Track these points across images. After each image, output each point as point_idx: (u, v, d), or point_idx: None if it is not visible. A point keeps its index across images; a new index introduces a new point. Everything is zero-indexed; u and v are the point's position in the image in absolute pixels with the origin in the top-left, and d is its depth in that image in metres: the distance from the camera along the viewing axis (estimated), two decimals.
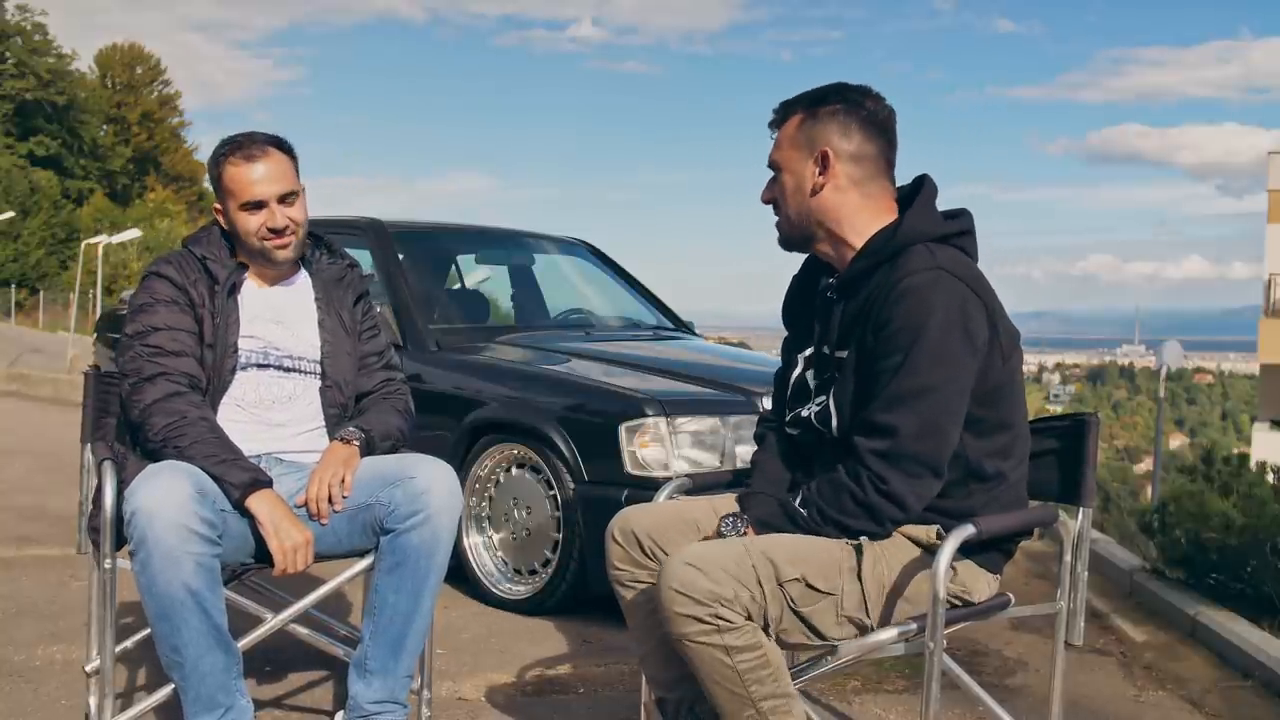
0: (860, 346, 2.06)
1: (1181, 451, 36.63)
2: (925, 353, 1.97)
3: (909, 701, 3.15)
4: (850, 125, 2.11)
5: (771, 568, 1.99)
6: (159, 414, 2.39)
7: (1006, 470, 2.13)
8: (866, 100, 2.12)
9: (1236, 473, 4.44)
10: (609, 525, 2.31)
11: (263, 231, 2.55)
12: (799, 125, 2.14)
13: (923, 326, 1.97)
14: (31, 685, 2.98)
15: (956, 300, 2.00)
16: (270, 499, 2.35)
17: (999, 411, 2.09)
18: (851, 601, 2.05)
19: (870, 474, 2.00)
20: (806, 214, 2.15)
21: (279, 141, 2.59)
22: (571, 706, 3.01)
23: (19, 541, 4.74)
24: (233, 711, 2.32)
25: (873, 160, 2.12)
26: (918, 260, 2.03)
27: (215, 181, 2.59)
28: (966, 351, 2.00)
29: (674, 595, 1.95)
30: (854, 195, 2.12)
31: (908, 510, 2.03)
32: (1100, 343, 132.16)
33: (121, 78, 57.66)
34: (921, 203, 2.11)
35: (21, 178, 44.28)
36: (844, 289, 2.14)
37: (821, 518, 2.06)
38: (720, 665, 1.96)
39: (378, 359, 2.73)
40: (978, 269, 2.10)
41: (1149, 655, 3.76)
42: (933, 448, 2.00)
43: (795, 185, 2.14)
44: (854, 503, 2.02)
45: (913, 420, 1.97)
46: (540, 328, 5.13)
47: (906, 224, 2.08)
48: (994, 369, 2.05)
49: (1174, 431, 63.32)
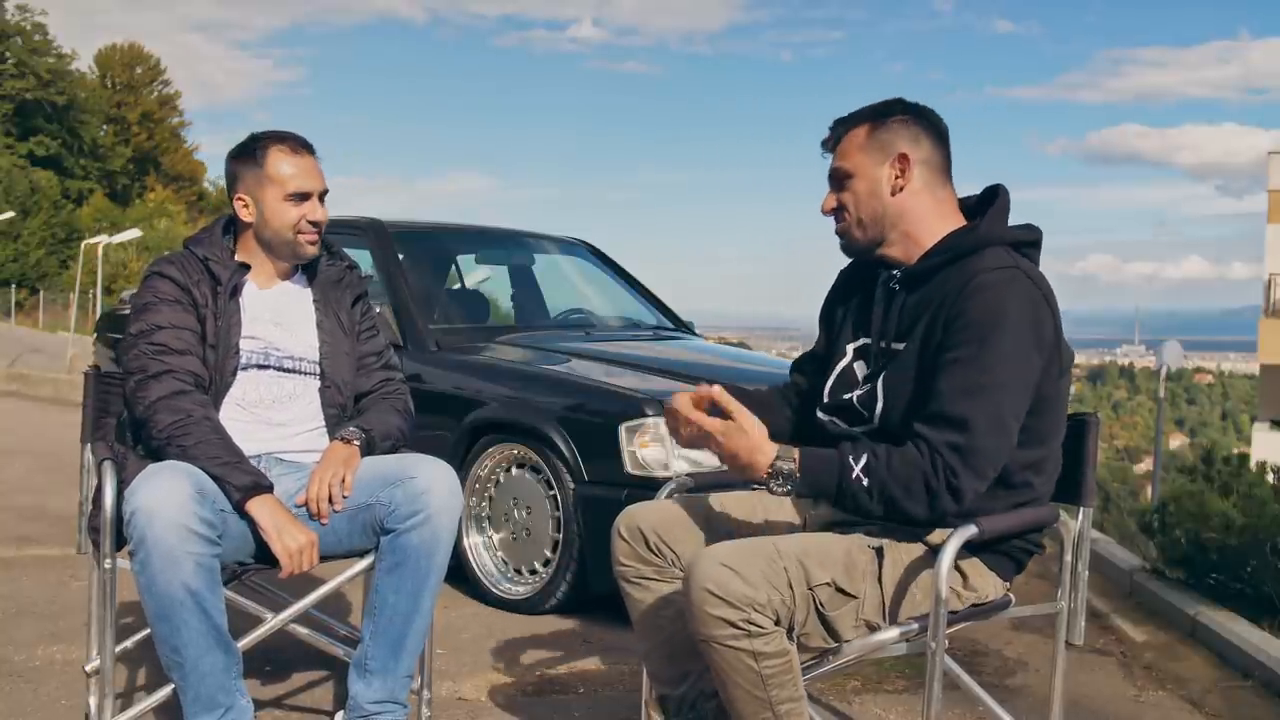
0: (924, 339, 2.06)
1: (1181, 451, 36.62)
2: (999, 348, 1.97)
3: (909, 701, 3.15)
4: (920, 133, 2.15)
5: (803, 571, 1.98)
6: (164, 411, 2.39)
7: (1035, 483, 2.12)
8: (927, 112, 2.19)
9: (1236, 473, 4.44)
10: (615, 521, 2.30)
11: (302, 224, 2.56)
12: (869, 134, 2.16)
13: (998, 322, 1.98)
14: (31, 685, 2.98)
15: (1030, 301, 2.01)
16: (271, 504, 2.35)
17: (1044, 424, 2.09)
18: (871, 605, 2.05)
19: (945, 465, 1.96)
20: (883, 216, 2.16)
21: (311, 146, 2.64)
22: (571, 706, 3.01)
23: (19, 541, 4.74)
24: (233, 711, 2.32)
25: (940, 168, 2.17)
26: (995, 258, 2.05)
27: (249, 170, 2.57)
28: (1036, 356, 2.01)
29: (707, 596, 1.91)
30: (928, 198, 2.15)
31: (962, 507, 2.00)
32: (1100, 343, 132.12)
33: (121, 78, 57.68)
34: (998, 209, 2.15)
35: (21, 178, 44.28)
36: (909, 282, 2.15)
37: (879, 491, 1.98)
38: (746, 669, 1.95)
39: (376, 359, 2.73)
40: (1046, 279, 2.11)
41: (1149, 655, 3.76)
42: (1000, 445, 1.99)
43: (870, 189, 2.16)
44: (924, 487, 1.97)
45: (983, 415, 1.96)
46: (540, 328, 5.13)
47: (986, 225, 2.11)
48: (1049, 378, 2.05)
49: (1174, 431, 63.32)
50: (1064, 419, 2.16)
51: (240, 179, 2.59)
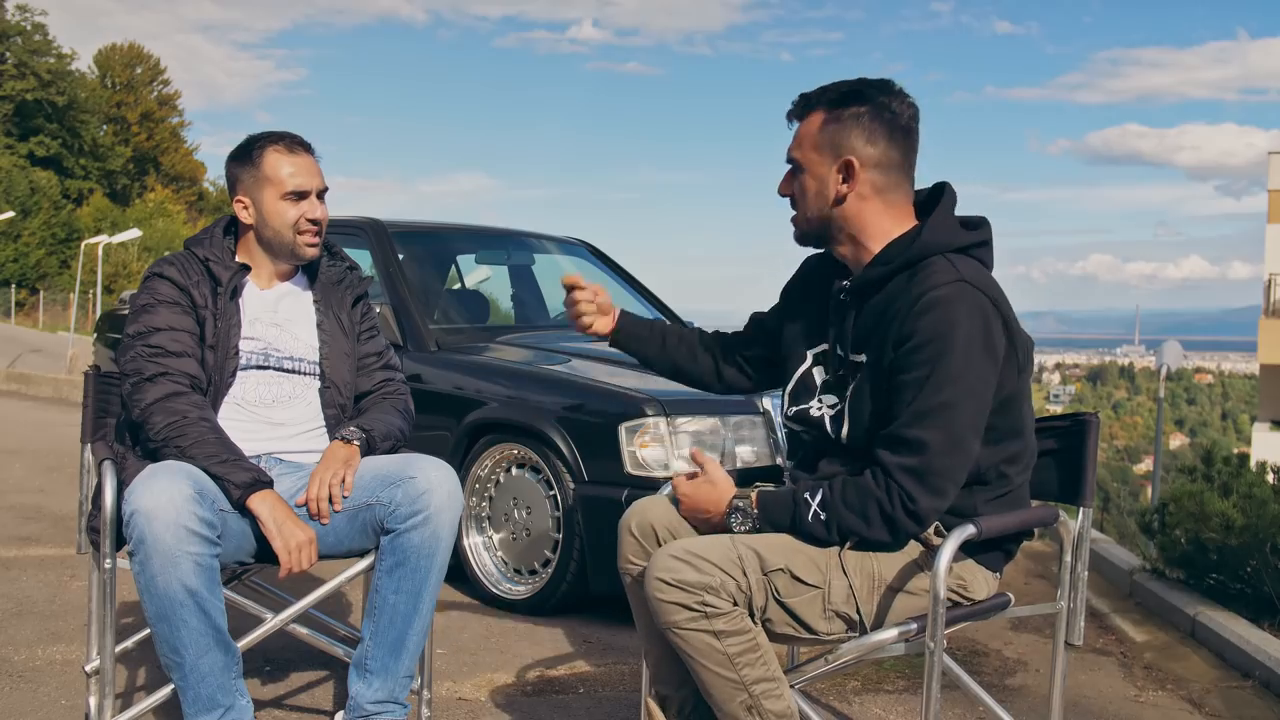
0: (879, 355, 2.05)
1: (1181, 451, 36.63)
2: (950, 368, 1.96)
3: (909, 701, 3.15)
4: (875, 130, 2.07)
5: (757, 559, 2.02)
6: (160, 414, 2.39)
7: (1012, 474, 2.13)
8: (891, 102, 2.08)
9: (1236, 473, 4.43)
10: (623, 518, 2.30)
11: (301, 223, 2.57)
12: (821, 126, 2.10)
13: (947, 342, 1.96)
14: (31, 685, 2.98)
15: (979, 314, 1.99)
16: (271, 499, 2.35)
17: (1012, 420, 2.09)
18: (839, 595, 2.06)
19: (901, 490, 1.97)
20: (827, 219, 2.13)
21: (309, 144, 2.64)
22: (571, 706, 3.01)
23: (19, 541, 4.74)
24: (233, 711, 2.32)
25: (896, 167, 2.09)
26: (940, 274, 2.01)
27: (247, 172, 2.59)
28: (989, 366, 2.00)
29: (660, 585, 1.99)
30: (876, 203, 2.10)
31: (924, 527, 2.03)
32: (1100, 343, 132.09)
33: (121, 78, 57.68)
34: (942, 212, 2.10)
35: (21, 178, 44.27)
36: (858, 293, 2.13)
37: (837, 524, 2.02)
38: (710, 650, 2.00)
39: (377, 359, 2.73)
40: (995, 280, 2.09)
41: (1149, 655, 3.76)
42: (958, 463, 1.99)
43: (817, 190, 2.12)
44: (880, 514, 2.00)
45: (939, 436, 1.96)
46: (540, 328, 5.13)
47: (927, 234, 2.06)
48: (1009, 380, 2.05)
49: (1174, 431, 63.32)
50: (1031, 406, 2.16)
51: (239, 181, 2.60)
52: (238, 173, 2.60)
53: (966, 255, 2.07)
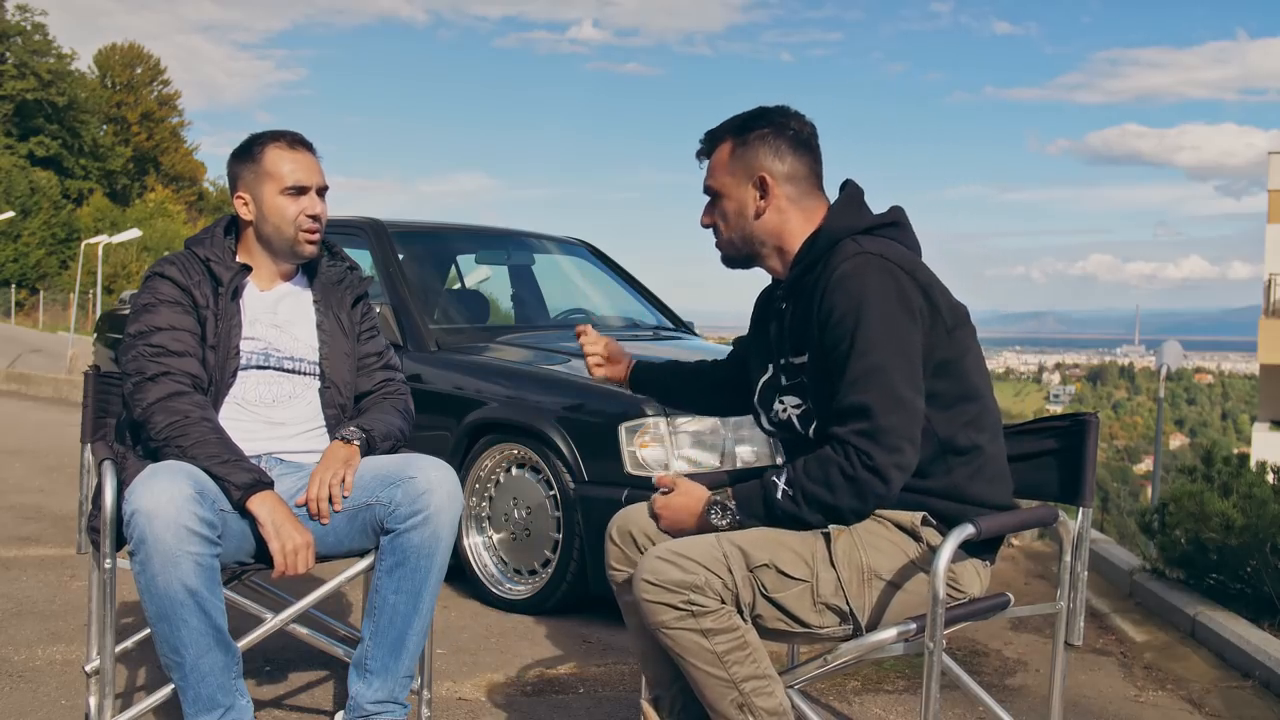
0: (815, 347, 2.12)
1: (1181, 451, 36.63)
2: (869, 332, 2.02)
3: (909, 701, 3.15)
4: (781, 146, 2.20)
5: (742, 555, 2.04)
6: (161, 413, 2.40)
7: (983, 443, 2.16)
8: (790, 121, 2.23)
9: (1236, 473, 4.43)
10: (608, 526, 2.34)
11: (302, 220, 2.57)
12: (731, 152, 2.23)
13: (861, 308, 2.03)
14: (31, 685, 2.98)
15: (888, 277, 2.06)
16: (271, 501, 2.35)
17: (959, 384, 2.13)
18: (827, 588, 2.08)
19: (856, 450, 2.01)
20: (750, 235, 2.24)
21: (309, 143, 2.65)
22: (571, 706, 3.01)
23: (19, 541, 4.74)
24: (233, 711, 2.32)
25: (805, 177, 2.22)
26: (844, 252, 2.11)
27: (248, 168, 2.59)
28: (909, 324, 2.05)
29: (647, 586, 2.03)
30: (794, 213, 2.22)
31: (890, 485, 2.03)
32: (1100, 343, 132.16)
33: (121, 78, 57.66)
34: (840, 204, 2.23)
35: (21, 178, 44.26)
36: (788, 298, 2.23)
37: (804, 497, 2.06)
38: (699, 649, 2.02)
39: (377, 359, 2.74)
40: (906, 251, 2.15)
41: (1149, 655, 3.76)
42: (904, 420, 2.02)
43: (738, 210, 2.24)
44: (842, 476, 2.02)
45: (878, 396, 2.01)
46: (540, 328, 5.13)
47: (826, 225, 2.18)
48: (940, 342, 2.10)
49: (1174, 431, 63.33)
50: (983, 369, 2.21)
51: (240, 178, 2.61)
52: (239, 169, 2.61)
53: (873, 235, 2.15)
